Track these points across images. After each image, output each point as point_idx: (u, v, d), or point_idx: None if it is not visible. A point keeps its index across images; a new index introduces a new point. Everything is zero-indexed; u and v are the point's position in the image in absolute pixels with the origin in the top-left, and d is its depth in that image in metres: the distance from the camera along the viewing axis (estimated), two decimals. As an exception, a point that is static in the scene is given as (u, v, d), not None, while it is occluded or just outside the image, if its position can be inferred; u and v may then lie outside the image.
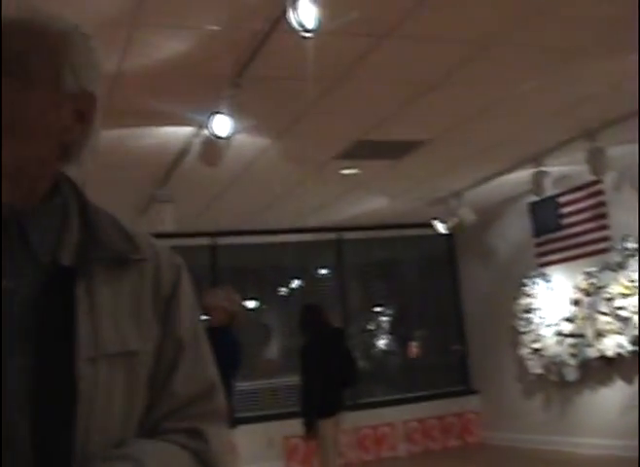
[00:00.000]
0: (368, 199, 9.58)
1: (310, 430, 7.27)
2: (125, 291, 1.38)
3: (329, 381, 7.25)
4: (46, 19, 1.41)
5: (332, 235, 11.30)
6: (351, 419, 10.20)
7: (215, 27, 4.49)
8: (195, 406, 1.42)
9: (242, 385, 7.27)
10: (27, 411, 1.23)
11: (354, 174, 8.15)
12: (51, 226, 1.38)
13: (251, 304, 11.01)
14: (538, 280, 10.13)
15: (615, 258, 8.90)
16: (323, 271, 11.79)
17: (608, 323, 8.88)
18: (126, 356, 1.34)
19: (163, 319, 1.42)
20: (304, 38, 4.00)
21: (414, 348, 11.71)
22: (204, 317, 6.63)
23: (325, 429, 7.26)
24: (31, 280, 1.31)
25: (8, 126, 1.31)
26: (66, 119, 1.39)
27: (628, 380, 8.89)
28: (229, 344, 6.42)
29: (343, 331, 7.89)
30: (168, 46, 4.69)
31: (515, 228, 10.54)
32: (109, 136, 6.07)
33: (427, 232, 10.54)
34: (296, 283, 11.64)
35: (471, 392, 11.54)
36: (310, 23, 3.81)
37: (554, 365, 9.78)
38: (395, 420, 10.91)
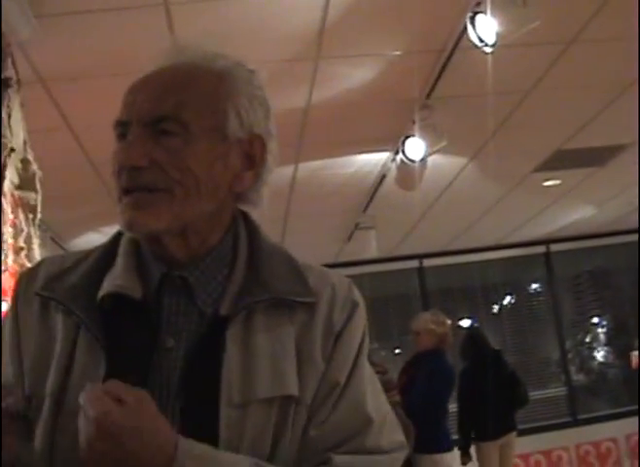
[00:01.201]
0: (573, 209, 9.33)
1: (465, 454, 7.14)
2: (290, 333, 1.30)
3: (487, 404, 7.07)
4: (203, 63, 1.32)
5: (540, 249, 11.03)
6: (571, 436, 9.90)
7: (397, 52, 4.53)
8: (346, 446, 1.30)
9: (454, 407, 7.18)
10: None
11: (556, 185, 7.97)
12: (217, 275, 1.33)
13: (465, 323, 10.93)
14: None
15: None
16: (534, 286, 11.56)
17: None
18: (285, 400, 1.26)
19: (328, 358, 1.33)
20: (486, 53, 3.98)
21: (636, 359, 11.24)
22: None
23: (487, 452, 7.12)
24: (193, 334, 1.28)
25: (169, 187, 1.24)
26: (235, 167, 1.31)
27: None
28: (439, 368, 6.40)
29: (500, 352, 7.73)
30: (354, 75, 4.77)
31: None
32: (307, 168, 6.23)
33: (637, 237, 10.16)
34: (507, 300, 11.47)
35: (697, 401, 10.91)
36: (490, 38, 3.79)
37: None
38: (618, 435, 10.37)
